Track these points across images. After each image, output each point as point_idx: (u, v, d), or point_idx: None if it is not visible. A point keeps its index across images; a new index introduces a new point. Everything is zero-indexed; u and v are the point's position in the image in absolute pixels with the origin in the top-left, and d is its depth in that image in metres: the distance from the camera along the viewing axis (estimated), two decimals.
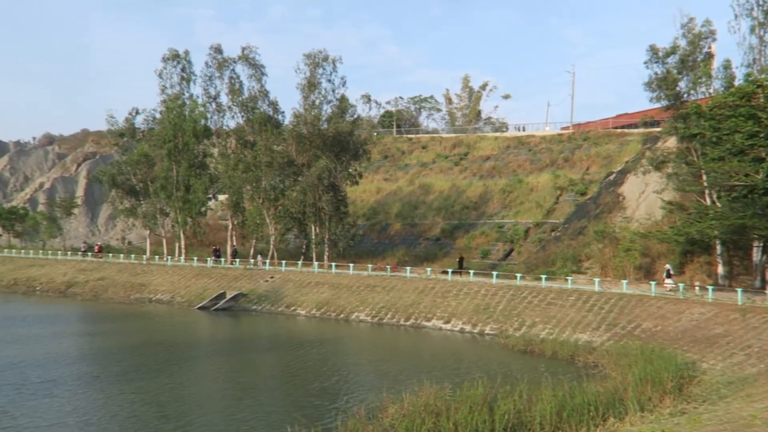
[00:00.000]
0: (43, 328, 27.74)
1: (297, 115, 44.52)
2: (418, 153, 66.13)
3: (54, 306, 36.70)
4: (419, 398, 13.62)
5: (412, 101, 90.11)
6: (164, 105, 49.72)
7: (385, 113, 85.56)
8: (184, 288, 39.85)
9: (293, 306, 34.36)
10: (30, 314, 32.52)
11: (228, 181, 45.89)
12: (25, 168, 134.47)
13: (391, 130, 78.14)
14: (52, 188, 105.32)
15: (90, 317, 33.17)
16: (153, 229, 52.37)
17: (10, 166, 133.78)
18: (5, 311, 33.57)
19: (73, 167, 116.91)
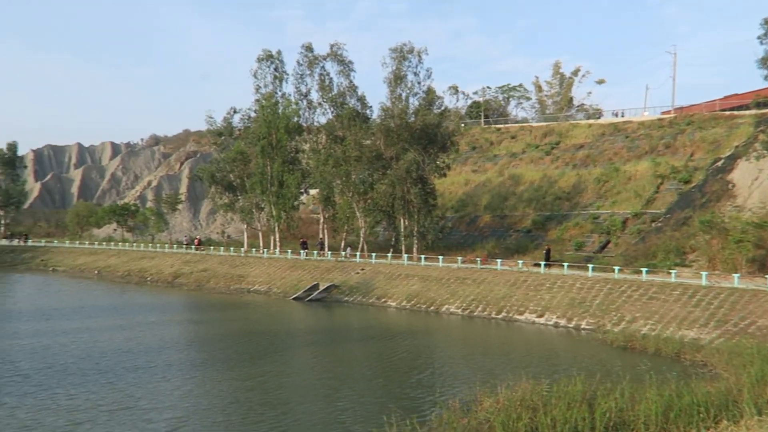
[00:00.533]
0: (154, 315, 29.76)
1: (384, 109, 44.80)
2: (507, 143, 64.70)
3: (163, 295, 39.30)
4: (515, 392, 13.32)
5: (500, 91, 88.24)
6: (258, 104, 51.75)
7: (472, 104, 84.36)
8: (280, 279, 41.34)
9: (384, 298, 34.73)
10: (142, 303, 35.02)
11: (319, 176, 47.04)
12: (135, 167, 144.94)
13: (479, 121, 76.93)
14: (159, 186, 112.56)
15: (195, 306, 35.22)
16: (249, 223, 54.73)
17: (122, 166, 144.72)
18: (122, 300, 36.35)
19: (177, 166, 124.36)
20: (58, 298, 36.10)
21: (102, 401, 14.60)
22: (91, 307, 32.13)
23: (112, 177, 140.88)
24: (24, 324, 26.33)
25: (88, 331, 24.47)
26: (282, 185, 49.67)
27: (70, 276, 51.87)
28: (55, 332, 24.20)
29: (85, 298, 36.60)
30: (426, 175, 43.73)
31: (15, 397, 14.77)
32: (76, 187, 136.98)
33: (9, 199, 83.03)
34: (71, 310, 31.08)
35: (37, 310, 30.62)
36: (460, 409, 13.11)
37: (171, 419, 13.38)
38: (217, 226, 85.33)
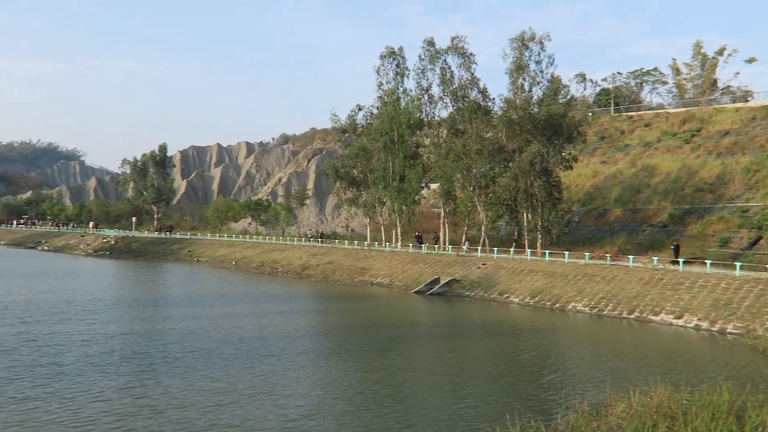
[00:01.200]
0: (286, 305, 31.49)
1: (507, 101, 43.82)
2: (639, 132, 60.55)
3: (292, 286, 41.48)
4: (650, 399, 12.43)
5: (631, 76, 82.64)
6: (381, 100, 52.78)
7: (601, 91, 79.80)
8: (401, 273, 41.94)
9: (506, 293, 34.02)
10: (275, 293, 37.20)
11: (439, 170, 47.06)
12: (266, 165, 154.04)
13: (609, 109, 72.66)
14: (288, 182, 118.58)
15: (322, 297, 36.79)
16: (372, 217, 56.09)
17: (256, 164, 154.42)
18: (257, 290, 38.87)
19: (305, 162, 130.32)
20: (202, 287, 39.38)
21: (242, 385, 15.61)
22: (231, 296, 34.70)
23: (247, 174, 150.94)
24: (175, 309, 29.03)
25: (228, 318, 26.44)
26: (403, 180, 50.31)
27: (212, 266, 56.39)
28: (201, 317, 26.42)
29: (225, 287, 39.60)
30: (551, 167, 42.14)
31: (169, 377, 16.30)
32: (216, 184, 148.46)
33: (161, 196, 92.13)
34: (214, 297, 33.79)
35: (185, 297, 33.64)
36: (589, 412, 12.50)
37: (303, 407, 13.97)
38: (341, 220, 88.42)
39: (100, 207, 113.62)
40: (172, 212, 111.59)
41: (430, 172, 50.48)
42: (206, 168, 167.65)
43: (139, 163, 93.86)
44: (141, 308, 29.14)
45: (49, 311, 27.07)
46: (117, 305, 29.99)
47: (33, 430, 12.07)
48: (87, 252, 70.71)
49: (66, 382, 15.49)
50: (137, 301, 31.86)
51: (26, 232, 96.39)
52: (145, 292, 35.84)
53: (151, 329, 23.37)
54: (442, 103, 50.12)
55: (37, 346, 19.62)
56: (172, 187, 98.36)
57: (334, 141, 76.23)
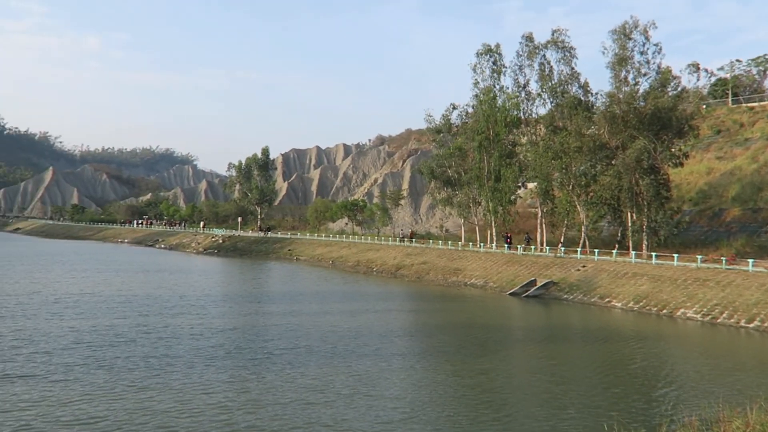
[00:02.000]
0: (380, 304, 31.93)
1: (609, 95, 41.79)
2: (762, 124, 55.61)
3: (387, 285, 41.96)
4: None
5: (753, 63, 75.81)
6: (477, 98, 52.14)
7: (717, 81, 73.94)
8: (496, 274, 41.21)
9: (607, 297, 32.44)
10: (370, 292, 37.83)
11: (537, 169, 45.74)
12: (363, 166, 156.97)
13: (726, 100, 67.24)
14: (384, 182, 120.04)
15: (416, 297, 36.93)
16: (466, 217, 55.51)
17: (353, 165, 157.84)
18: (352, 289, 39.72)
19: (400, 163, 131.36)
20: (301, 284, 40.83)
21: (338, 384, 15.83)
22: (328, 294, 35.70)
23: (344, 175, 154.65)
24: (276, 306, 30.31)
25: (325, 316, 27.22)
26: (499, 179, 49.40)
27: (310, 264, 58.28)
28: (300, 314, 27.40)
29: (322, 285, 40.81)
30: (658, 164, 39.71)
31: (270, 373, 16.94)
32: (315, 186, 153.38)
33: (263, 197, 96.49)
34: (312, 295, 34.93)
35: (285, 294, 35.03)
36: (698, 428, 11.62)
37: (398, 409, 13.89)
38: (436, 221, 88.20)
39: (210, 208, 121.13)
40: (274, 212, 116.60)
41: (527, 171, 49.18)
42: (306, 170, 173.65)
43: (243, 166, 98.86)
44: (245, 304, 30.70)
45: (165, 305, 29.20)
46: (224, 301, 31.80)
47: (147, 417, 13.02)
48: (198, 250, 75.54)
49: (177, 374, 16.56)
50: (242, 297, 33.60)
51: (145, 231, 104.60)
52: (249, 289, 37.71)
53: (254, 325, 24.56)
54: (540, 99, 48.71)
55: (154, 338, 21.20)
56: (274, 188, 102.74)
57: (429, 141, 76.30)
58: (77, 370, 16.57)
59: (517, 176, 48.99)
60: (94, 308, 27.57)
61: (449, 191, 57.46)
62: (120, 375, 16.23)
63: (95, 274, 44.17)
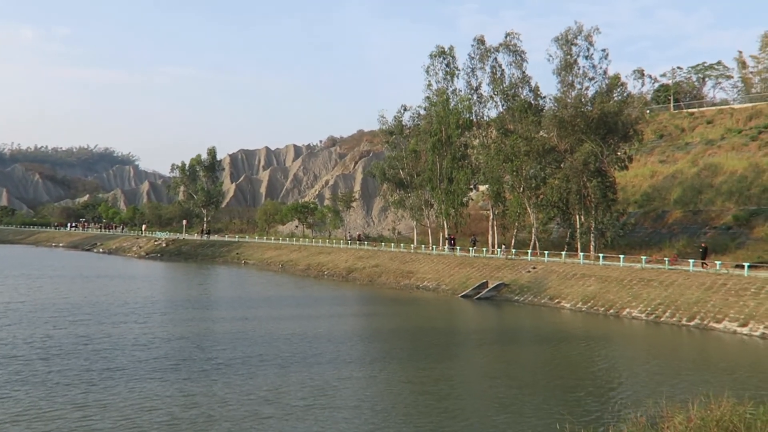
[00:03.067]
0: (332, 308, 31.86)
1: (557, 99, 43.00)
2: (701, 129, 58.38)
3: (338, 289, 41.87)
4: (711, 411, 11.91)
5: (693, 70, 79.65)
6: (429, 100, 52.72)
7: (660, 87, 77.28)
8: (448, 276, 41.74)
9: (557, 298, 33.37)
10: (321, 296, 37.67)
11: (488, 172, 46.59)
12: (314, 167, 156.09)
13: (668, 106, 70.31)
14: (335, 184, 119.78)
15: (368, 300, 36.97)
16: (419, 220, 56.03)
17: (303, 167, 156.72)
18: (303, 293, 39.44)
19: (351, 165, 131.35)
20: (250, 289, 40.25)
21: (292, 396, 15.43)
22: (278, 298, 35.32)
23: (294, 177, 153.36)
24: (224, 312, 29.79)
25: (276, 321, 26.89)
26: (451, 182, 50.09)
27: (259, 269, 57.53)
28: (249, 320, 26.98)
29: (272, 289, 40.34)
30: (605, 167, 41.12)
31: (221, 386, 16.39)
32: (264, 187, 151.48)
33: (210, 199, 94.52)
34: (261, 300, 34.48)
35: (234, 300, 34.46)
36: (644, 425, 12.11)
37: (355, 421, 13.59)
38: (388, 223, 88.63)
39: (153, 210, 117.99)
40: (222, 215, 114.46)
41: (479, 173, 50.05)
42: (254, 171, 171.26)
43: (188, 167, 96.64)
44: (192, 311, 30.00)
45: (105, 313, 28.18)
46: (169, 308, 30.99)
47: None
48: (139, 254, 73.37)
49: (119, 388, 15.74)
50: (188, 303, 32.83)
51: (82, 235, 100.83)
52: (196, 295, 36.91)
53: (202, 333, 24.01)
54: (492, 102, 49.72)
55: (93, 350, 20.31)
56: (221, 190, 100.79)
57: (382, 143, 76.65)
58: (7, 388, 15.47)
59: (469, 178, 49.84)
60: (26, 318, 26.21)
61: (402, 193, 57.82)
62: (56, 392, 15.23)
63: (27, 280, 42.26)
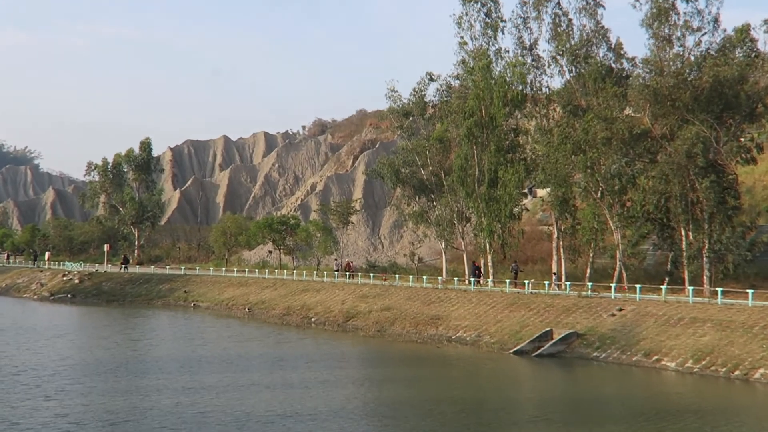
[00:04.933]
0: (323, 373, 31.63)
1: (648, 62, 43.04)
2: None
3: (332, 343, 41.70)
4: None
5: None
6: (464, 66, 52.76)
7: None
8: (494, 323, 41.54)
9: (656, 354, 33.08)
10: (306, 355, 37.52)
11: (550, 169, 46.51)
12: (294, 166, 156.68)
13: None
14: (326, 190, 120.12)
15: (376, 360, 36.74)
16: (449, 241, 55.94)
17: (279, 165, 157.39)
18: (280, 350, 39.34)
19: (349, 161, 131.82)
20: (202, 345, 40.14)
21: None
22: (243, 359, 35.16)
23: (266, 180, 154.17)
24: (166, 381, 29.65)
25: (238, 393, 26.71)
26: (496, 184, 50.00)
27: (215, 314, 57.49)
28: (200, 392, 26.84)
29: (234, 345, 40.22)
30: (722, 160, 40.94)
31: None
32: (222, 195, 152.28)
33: (143, 213, 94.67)
34: (218, 362, 34.33)
35: (178, 362, 34.33)
36: None
37: None
38: (403, 246, 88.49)
39: (60, 231, 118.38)
40: (161, 237, 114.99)
41: (536, 171, 49.98)
42: (208, 172, 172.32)
43: (111, 167, 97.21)
44: (118, 380, 29.87)
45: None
46: (85, 375, 30.87)
47: None
48: (41, 295, 73.60)
49: None
50: (114, 369, 32.69)
51: None
52: (125, 356, 36.80)
53: (132, 412, 23.89)
54: (555, 67, 49.81)
55: None
56: (159, 199, 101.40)
57: (393, 128, 76.66)
58: None
59: (521, 179, 49.74)
60: None
61: (423, 202, 57.78)
62: None
63: None
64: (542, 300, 42.96)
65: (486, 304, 44.59)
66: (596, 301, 40.78)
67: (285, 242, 79.20)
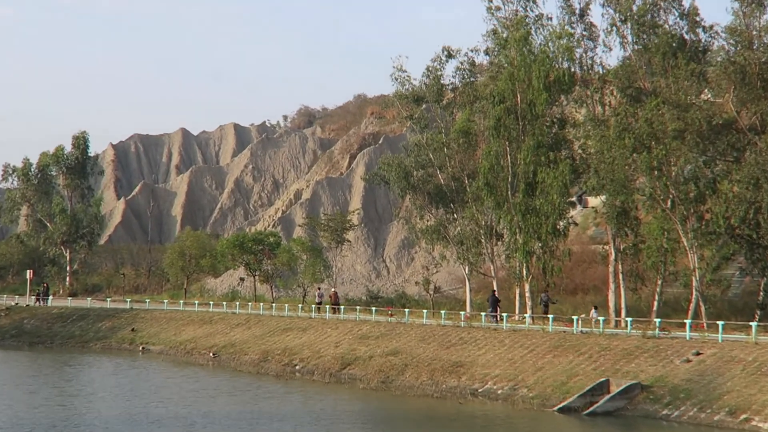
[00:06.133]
0: None
1: (733, 32, 43.22)
2: None
3: (326, 398, 41.54)
4: None
5: None
6: (494, 38, 52.83)
7: None
8: (533, 372, 41.49)
9: (743, 412, 33.00)
10: (290, 414, 37.52)
11: (605, 171, 46.53)
12: (273, 167, 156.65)
13: None
14: (314, 198, 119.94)
15: (381, 420, 36.72)
16: (474, 264, 55.91)
17: (254, 166, 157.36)
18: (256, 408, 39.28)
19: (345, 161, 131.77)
20: (153, 402, 40.19)
21: None
22: (207, 421, 35.22)
23: (237, 185, 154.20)
24: None
25: None
26: (535, 190, 50.01)
27: (171, 360, 57.52)
28: None
29: (195, 402, 40.23)
30: None
31: None
32: (180, 206, 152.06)
33: (77, 230, 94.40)
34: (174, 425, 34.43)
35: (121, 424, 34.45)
36: None
37: None
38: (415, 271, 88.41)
39: None
40: (100, 259, 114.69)
41: (587, 174, 50.03)
42: (162, 175, 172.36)
43: (35, 170, 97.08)
44: None
45: None
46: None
47: None
48: None
49: None
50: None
51: None
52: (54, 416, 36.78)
53: None
54: (613, 37, 49.90)
55: None
56: (98, 212, 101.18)
57: (400, 118, 76.76)
58: None
59: (568, 184, 49.70)
60: None
61: (441, 214, 57.80)
62: None
63: None
64: (595, 341, 42.88)
65: (522, 347, 44.54)
66: (666, 342, 40.72)
67: (261, 267, 79.11)
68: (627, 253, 49.07)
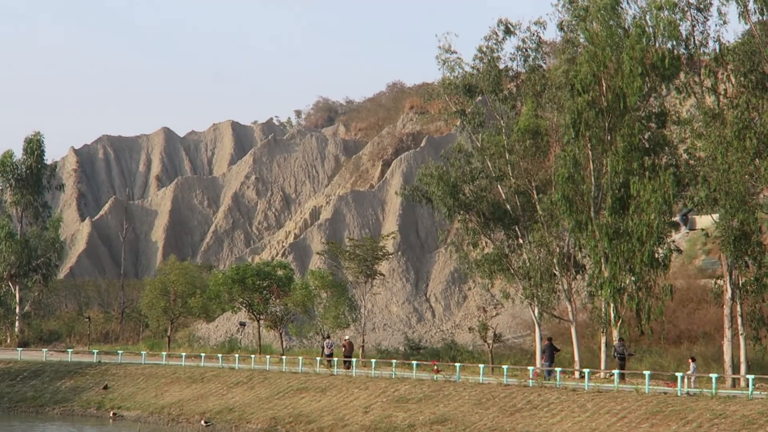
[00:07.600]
0: None
1: None
2: None
3: None
4: None
5: None
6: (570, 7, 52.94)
7: None
8: None
9: None
10: None
11: (718, 182, 46.39)
12: (282, 178, 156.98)
13: None
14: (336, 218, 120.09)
15: None
16: (546, 305, 55.79)
17: (256, 177, 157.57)
18: None
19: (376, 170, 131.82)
20: None
21: None
22: None
23: (236, 202, 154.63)
24: None
25: None
26: (626, 206, 49.94)
27: (152, 429, 57.74)
28: None
29: None
30: None
31: None
32: (162, 228, 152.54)
33: (30, 261, 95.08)
34: None
35: None
36: None
37: None
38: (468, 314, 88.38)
39: None
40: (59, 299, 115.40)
41: (695, 186, 49.87)
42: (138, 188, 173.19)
43: None
44: None
45: None
46: None
47: None
48: None
49: None
50: None
51: None
52: None
53: None
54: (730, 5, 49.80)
55: None
56: (56, 237, 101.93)
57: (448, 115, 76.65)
58: None
59: (670, 198, 49.54)
60: None
61: (501, 239, 57.81)
62: None
63: None
64: (707, 406, 42.61)
65: (610, 413, 44.35)
66: None
67: (268, 308, 79.24)
68: (748, 290, 48.72)
